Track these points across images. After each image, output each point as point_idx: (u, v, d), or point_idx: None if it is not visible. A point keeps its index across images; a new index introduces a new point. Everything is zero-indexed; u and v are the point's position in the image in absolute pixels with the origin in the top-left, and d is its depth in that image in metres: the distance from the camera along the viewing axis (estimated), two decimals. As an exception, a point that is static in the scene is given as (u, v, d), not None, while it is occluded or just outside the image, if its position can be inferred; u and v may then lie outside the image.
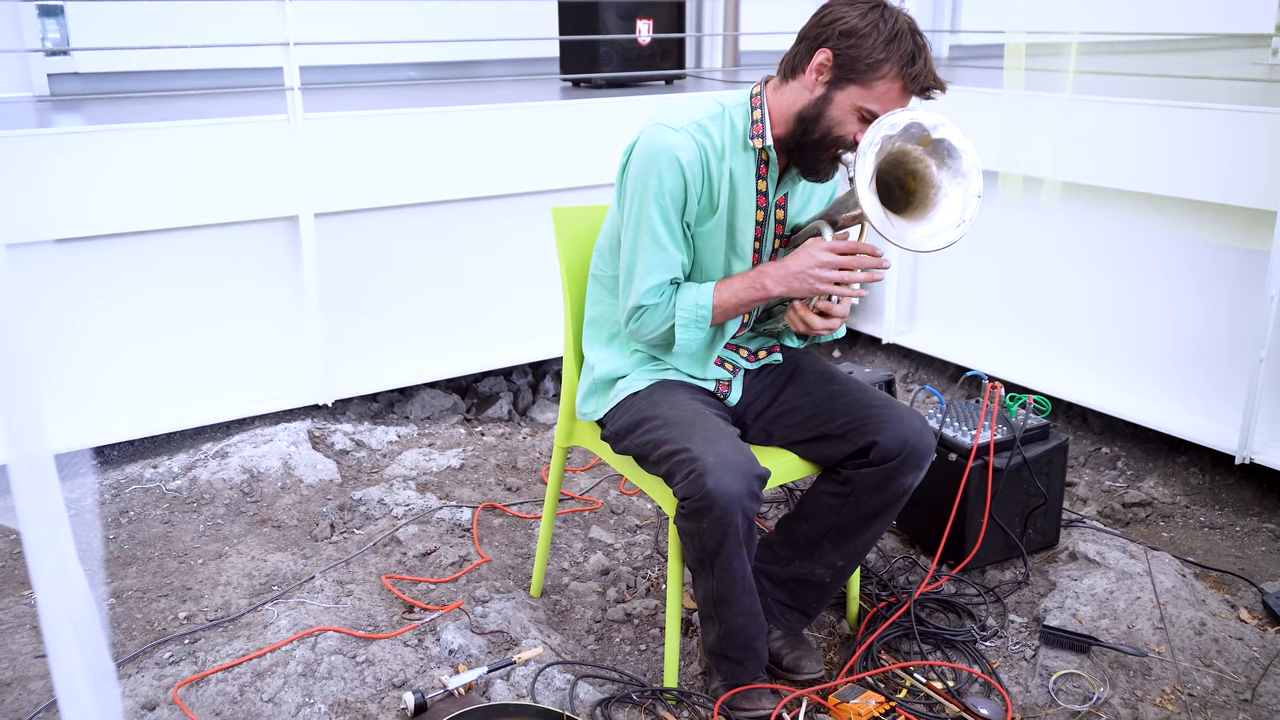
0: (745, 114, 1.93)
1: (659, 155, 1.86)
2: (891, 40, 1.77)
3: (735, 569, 1.86)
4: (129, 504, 2.82)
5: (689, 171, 1.87)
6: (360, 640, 2.17)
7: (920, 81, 1.80)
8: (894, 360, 4.07)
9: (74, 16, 3.92)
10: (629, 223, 1.93)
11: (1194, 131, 2.91)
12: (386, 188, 3.22)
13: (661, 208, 1.88)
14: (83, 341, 2.93)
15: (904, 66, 1.78)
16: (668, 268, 1.92)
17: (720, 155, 1.90)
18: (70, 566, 1.31)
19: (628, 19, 3.86)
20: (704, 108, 1.92)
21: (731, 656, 1.98)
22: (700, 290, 1.93)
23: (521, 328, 3.55)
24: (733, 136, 1.92)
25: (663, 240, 1.90)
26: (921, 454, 1.95)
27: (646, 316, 1.95)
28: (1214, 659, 2.16)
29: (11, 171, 2.71)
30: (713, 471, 1.74)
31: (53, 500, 1.28)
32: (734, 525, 1.80)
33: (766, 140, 1.91)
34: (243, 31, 3.37)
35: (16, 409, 1.21)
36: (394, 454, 3.14)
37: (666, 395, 1.98)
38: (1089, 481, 3.09)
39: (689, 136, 1.87)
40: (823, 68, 1.83)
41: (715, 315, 1.93)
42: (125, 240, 2.92)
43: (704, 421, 1.88)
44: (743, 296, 1.91)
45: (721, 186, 1.91)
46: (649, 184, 1.88)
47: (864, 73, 1.79)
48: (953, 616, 2.36)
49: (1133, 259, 3.22)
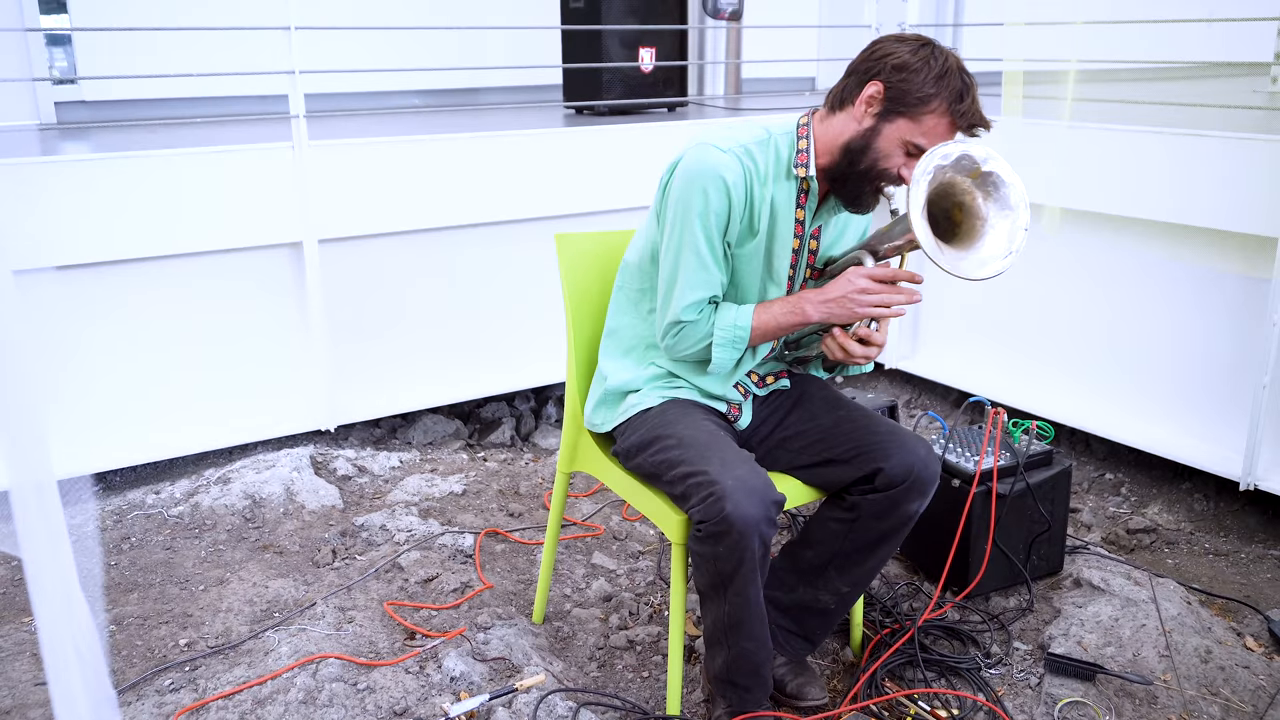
0: (791, 143, 1.95)
1: (705, 174, 1.88)
2: (942, 77, 1.81)
3: (749, 594, 1.86)
4: (131, 530, 2.81)
5: (734, 193, 1.89)
6: (361, 667, 2.16)
7: (968, 118, 1.84)
8: (896, 386, 4.07)
9: (81, 45, 3.96)
10: (671, 239, 1.95)
11: (1195, 159, 2.92)
12: (390, 214, 3.23)
13: (705, 226, 1.91)
14: (87, 367, 2.94)
15: (953, 103, 1.82)
16: (708, 286, 1.94)
17: (763, 181, 1.93)
18: (73, 593, 1.30)
19: (630, 47, 3.89)
20: (751, 133, 1.95)
21: (739, 683, 1.96)
22: (740, 311, 1.95)
23: (524, 354, 3.55)
24: (777, 164, 1.94)
25: (705, 258, 1.92)
26: (927, 481, 1.95)
27: (684, 333, 1.96)
28: (1220, 687, 2.15)
29: (19, 198, 2.72)
30: (731, 495, 1.74)
31: (56, 526, 1.27)
32: (750, 550, 1.80)
33: (810, 170, 1.93)
34: (249, 60, 3.40)
35: (19, 433, 1.21)
36: (396, 480, 3.14)
37: (681, 414, 1.98)
38: (1093, 508, 3.08)
39: (735, 158, 1.90)
40: (873, 100, 1.86)
41: (753, 337, 1.95)
42: (130, 266, 2.94)
43: (720, 444, 1.88)
44: (782, 320, 1.93)
45: (762, 211, 1.94)
46: (694, 202, 1.90)
47: (914, 106, 1.83)
48: (957, 644, 2.34)
49: (1136, 285, 3.23)
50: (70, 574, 1.29)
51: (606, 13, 3.83)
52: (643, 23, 3.89)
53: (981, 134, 1.87)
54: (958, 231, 1.81)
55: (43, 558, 1.23)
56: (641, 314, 2.07)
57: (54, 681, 1.25)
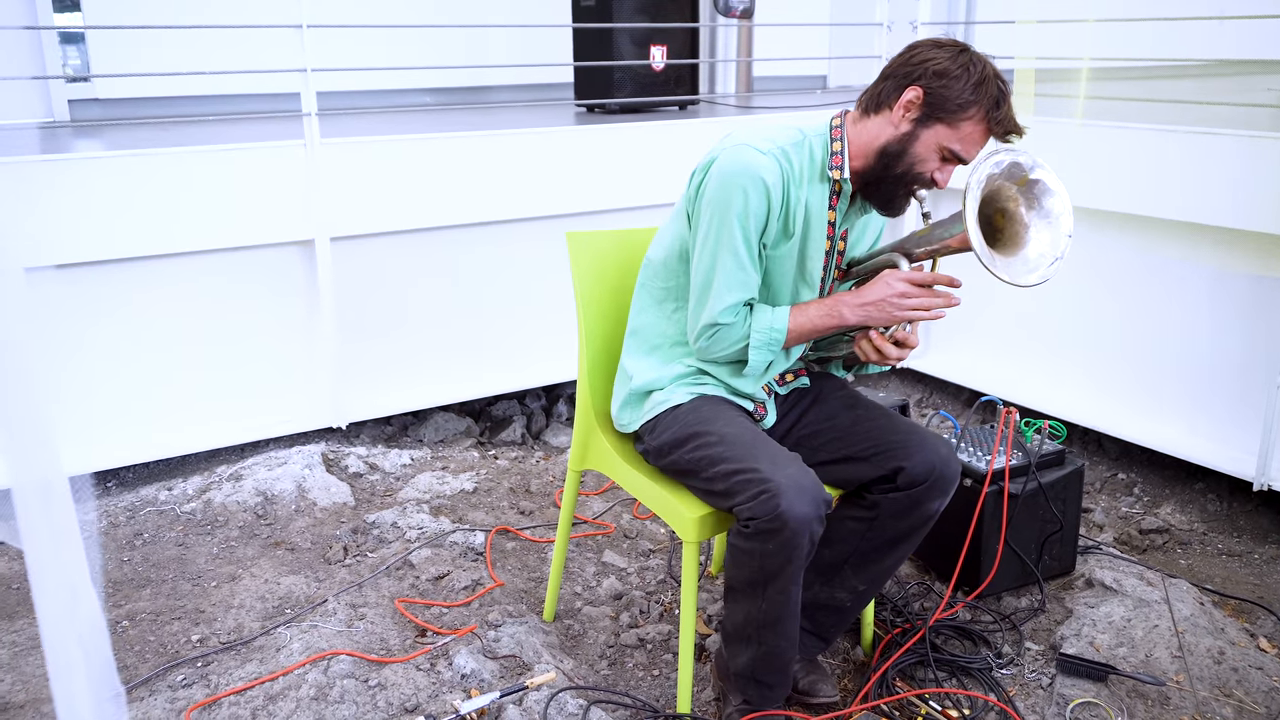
0: (825, 144, 1.95)
1: (744, 175, 1.88)
2: (981, 84, 1.82)
3: (791, 593, 1.86)
4: (144, 526, 2.82)
5: (773, 194, 1.89)
6: (372, 664, 2.17)
7: (1004, 125, 1.85)
8: (908, 385, 4.06)
9: (95, 43, 3.98)
10: (707, 240, 1.93)
11: (1208, 157, 2.91)
12: (402, 212, 3.24)
13: (744, 228, 1.90)
14: (99, 364, 2.95)
15: (990, 110, 1.83)
16: (746, 288, 1.94)
17: (799, 183, 1.93)
18: (81, 589, 1.30)
19: (642, 45, 3.89)
20: (787, 134, 1.94)
21: (764, 680, 1.97)
22: (775, 314, 1.95)
23: (535, 351, 3.56)
24: (811, 165, 1.94)
25: (743, 260, 1.92)
26: (948, 480, 1.95)
27: (720, 335, 1.96)
28: (1234, 688, 2.14)
29: (32, 196, 2.74)
30: (785, 493, 1.74)
31: (64, 522, 1.27)
32: (801, 549, 1.80)
33: (844, 172, 1.93)
34: (261, 58, 3.41)
35: (23, 431, 1.20)
36: (407, 477, 3.15)
37: (716, 411, 1.97)
38: (1105, 508, 3.07)
39: (774, 160, 1.89)
40: (911, 105, 1.86)
41: (789, 339, 1.95)
42: (142, 264, 2.95)
43: (765, 442, 1.88)
44: (818, 323, 1.93)
45: (797, 213, 1.94)
46: (733, 203, 1.89)
47: (953, 112, 1.83)
48: (968, 643, 2.34)
49: (1148, 284, 3.21)
50: (79, 570, 1.28)
51: (618, 11, 3.83)
52: (654, 21, 3.89)
53: (1015, 140, 1.88)
54: (1000, 238, 1.82)
55: (45, 555, 1.22)
56: (666, 313, 2.07)
57: (55, 677, 1.25)
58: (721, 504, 1.88)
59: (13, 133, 3.57)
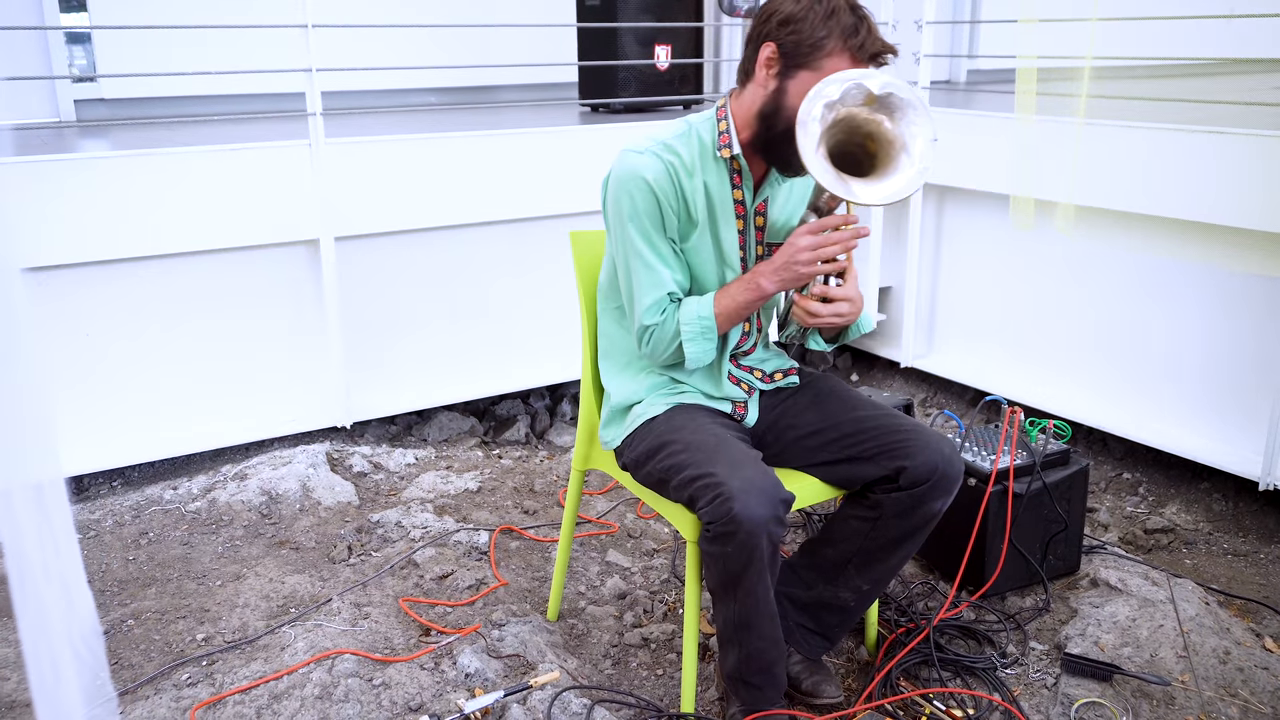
0: (711, 127, 1.95)
1: (625, 179, 1.90)
2: (830, 16, 1.79)
3: (758, 594, 1.85)
4: (149, 525, 2.83)
5: (658, 188, 1.89)
6: (377, 663, 2.17)
7: (868, 49, 1.81)
8: (912, 384, 4.06)
9: (100, 43, 3.99)
10: (618, 251, 1.97)
11: (1213, 156, 2.90)
12: (406, 212, 3.24)
13: (640, 228, 1.91)
14: (104, 363, 2.96)
15: (847, 38, 1.79)
16: (659, 285, 1.94)
17: (690, 171, 1.93)
18: (75, 592, 1.29)
19: (646, 45, 3.89)
20: (670, 129, 1.97)
21: (751, 682, 1.96)
22: (700, 302, 1.95)
23: (539, 351, 3.56)
24: (701, 151, 1.95)
25: (648, 259, 1.93)
26: (952, 479, 1.94)
27: (654, 336, 1.97)
28: (1239, 688, 2.13)
29: (39, 196, 2.75)
30: (739, 496, 1.74)
31: (58, 524, 1.25)
32: (759, 550, 1.79)
33: (734, 149, 1.93)
34: (266, 58, 3.42)
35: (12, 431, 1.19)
36: (411, 476, 3.15)
37: (686, 419, 1.98)
38: (1110, 507, 3.06)
39: (653, 156, 1.90)
40: (770, 61, 1.85)
41: (720, 323, 1.95)
42: (147, 263, 2.96)
43: (727, 446, 1.87)
44: (740, 299, 1.92)
45: (697, 201, 1.94)
46: (623, 208, 1.91)
47: (809, 55, 1.81)
48: (972, 643, 2.34)
49: (1153, 283, 3.21)
50: (73, 572, 1.27)
51: (622, 10, 3.82)
52: (658, 20, 3.89)
53: (891, 60, 1.85)
54: (876, 162, 1.80)
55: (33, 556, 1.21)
56: (627, 329, 2.08)
57: (35, 682, 1.23)
58: (691, 510, 1.88)
59: (19, 133, 3.58)
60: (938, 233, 3.92)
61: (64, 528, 1.26)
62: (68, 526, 1.27)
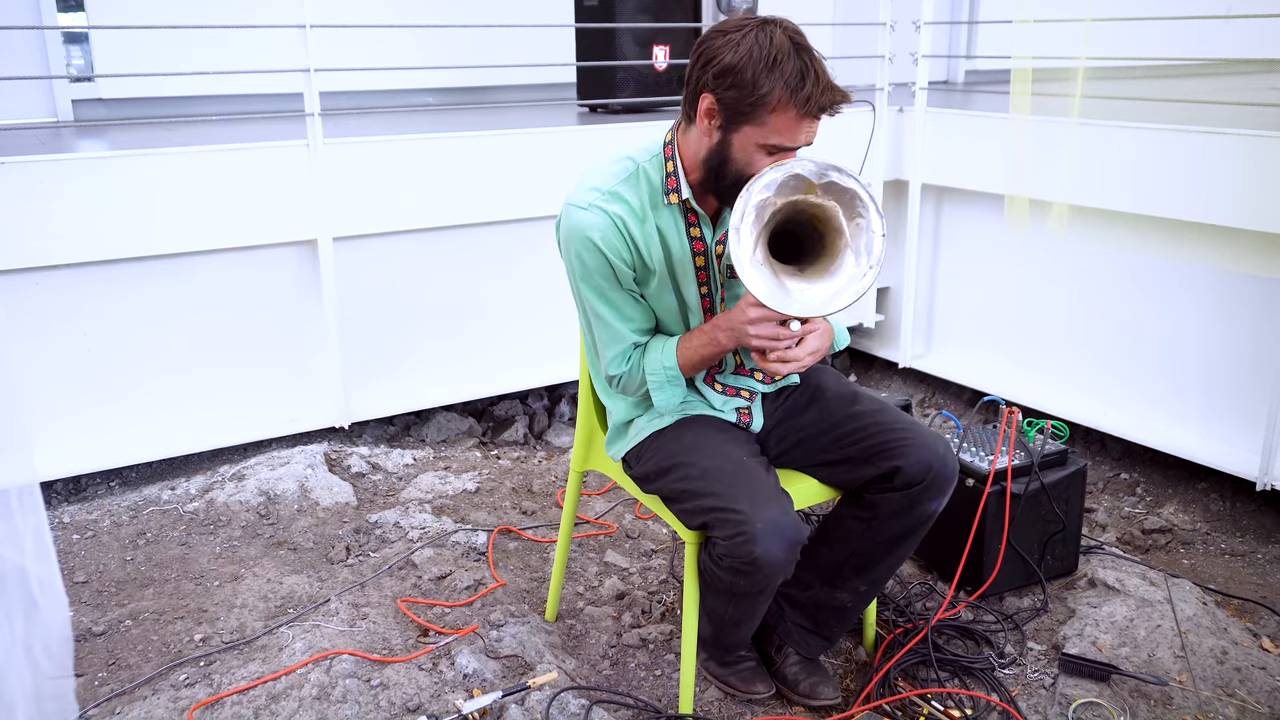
0: (659, 167, 1.85)
1: (574, 239, 1.83)
2: (772, 68, 1.63)
3: (756, 610, 1.90)
4: (147, 525, 2.83)
5: (605, 246, 1.81)
6: (375, 664, 2.17)
7: (815, 103, 1.65)
8: (910, 385, 4.06)
9: (98, 43, 3.98)
10: (577, 304, 1.94)
11: (1209, 156, 2.90)
12: (404, 212, 3.24)
13: (593, 286, 1.86)
14: (102, 363, 2.95)
15: (794, 93, 1.64)
16: (619, 338, 1.92)
17: (641, 217, 1.84)
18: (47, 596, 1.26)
19: (645, 45, 3.88)
20: (615, 172, 1.85)
21: (725, 656, 2.16)
22: (665, 351, 1.90)
23: (537, 351, 3.56)
24: (651, 193, 1.85)
25: (605, 316, 1.89)
26: (946, 479, 1.93)
27: (623, 383, 1.96)
28: (1236, 688, 2.13)
29: (34, 196, 2.74)
30: (761, 539, 1.72)
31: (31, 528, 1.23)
32: (771, 586, 1.83)
33: (683, 193, 1.83)
34: (264, 58, 3.42)
35: None
36: (410, 477, 3.15)
37: (700, 439, 1.94)
38: (1108, 507, 3.06)
39: (597, 211, 1.80)
40: (711, 113, 1.71)
41: (684, 370, 1.91)
42: (146, 264, 2.95)
43: (746, 474, 1.84)
44: (703, 353, 1.87)
45: (651, 246, 1.85)
46: (575, 268, 1.86)
47: (751, 111, 1.66)
48: (970, 643, 2.34)
49: (1151, 284, 3.21)
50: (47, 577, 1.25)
51: (620, 11, 3.82)
52: (656, 21, 3.89)
53: (842, 109, 1.70)
54: (826, 247, 1.70)
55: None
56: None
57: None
58: (697, 530, 1.89)
59: (17, 133, 3.58)
60: (936, 233, 3.92)
61: (38, 532, 1.24)
62: (43, 531, 1.25)
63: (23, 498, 1.22)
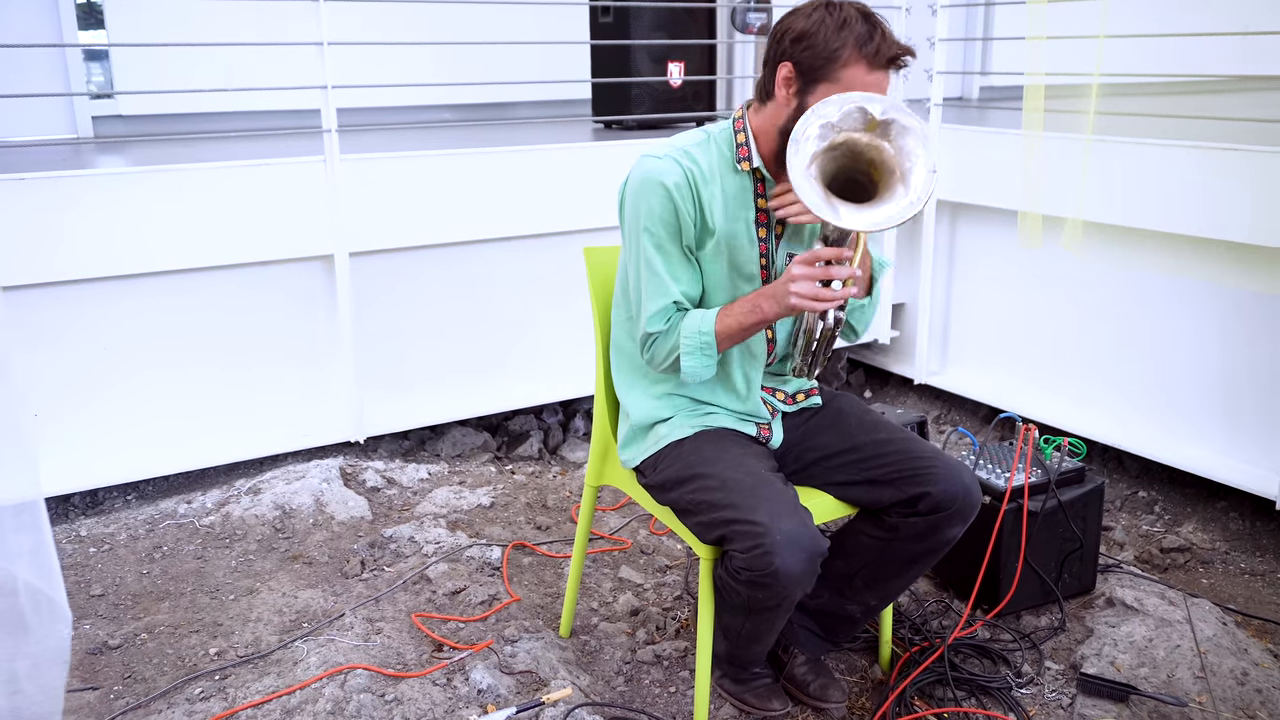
0: (729, 139, 1.94)
1: (644, 184, 1.89)
2: (841, 28, 1.78)
3: (774, 625, 1.89)
4: (162, 539, 2.84)
5: (677, 195, 1.87)
6: (389, 679, 2.17)
7: (883, 55, 1.79)
8: (926, 401, 4.04)
9: (118, 60, 4.02)
10: (630, 257, 1.96)
11: (1225, 173, 2.88)
12: (420, 228, 3.25)
13: (653, 235, 1.90)
14: (119, 377, 2.97)
15: (861, 46, 1.77)
16: (665, 293, 1.92)
17: (707, 179, 1.91)
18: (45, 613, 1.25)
19: (659, 62, 3.90)
20: (689, 137, 1.96)
21: (738, 664, 2.14)
22: (703, 317, 1.90)
23: (552, 367, 3.56)
24: (721, 160, 1.93)
25: (657, 268, 1.91)
26: (970, 508, 1.94)
27: (656, 345, 1.95)
28: (1257, 710, 2.11)
29: (56, 211, 2.77)
30: (780, 551, 1.72)
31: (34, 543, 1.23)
32: (791, 599, 1.83)
33: (755, 161, 1.92)
34: (282, 75, 3.44)
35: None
36: (425, 492, 3.15)
37: (717, 450, 1.94)
38: (1126, 526, 3.04)
39: (672, 162, 1.89)
40: (788, 80, 1.83)
41: (720, 341, 1.90)
42: (164, 279, 2.97)
43: (765, 486, 1.84)
44: (744, 320, 1.88)
45: (714, 208, 1.92)
46: (640, 214, 1.90)
47: (825, 68, 1.79)
48: (987, 663, 2.32)
49: (1169, 301, 3.19)
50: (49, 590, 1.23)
51: (635, 28, 3.84)
52: (671, 38, 3.91)
53: (909, 62, 1.83)
54: (878, 189, 1.75)
55: None
56: (637, 340, 2.07)
57: None
58: (714, 543, 1.88)
59: (38, 149, 3.61)
60: (951, 249, 3.91)
61: (38, 550, 1.23)
62: (44, 548, 1.24)
63: (20, 515, 1.21)
